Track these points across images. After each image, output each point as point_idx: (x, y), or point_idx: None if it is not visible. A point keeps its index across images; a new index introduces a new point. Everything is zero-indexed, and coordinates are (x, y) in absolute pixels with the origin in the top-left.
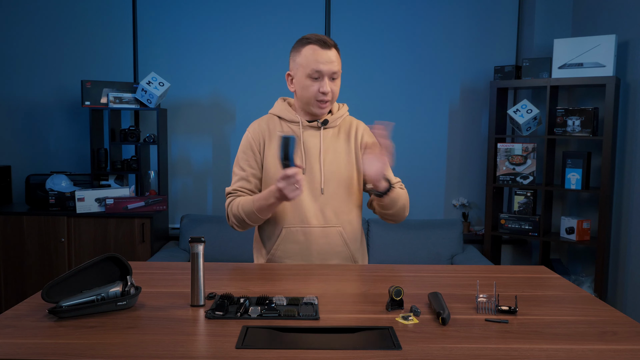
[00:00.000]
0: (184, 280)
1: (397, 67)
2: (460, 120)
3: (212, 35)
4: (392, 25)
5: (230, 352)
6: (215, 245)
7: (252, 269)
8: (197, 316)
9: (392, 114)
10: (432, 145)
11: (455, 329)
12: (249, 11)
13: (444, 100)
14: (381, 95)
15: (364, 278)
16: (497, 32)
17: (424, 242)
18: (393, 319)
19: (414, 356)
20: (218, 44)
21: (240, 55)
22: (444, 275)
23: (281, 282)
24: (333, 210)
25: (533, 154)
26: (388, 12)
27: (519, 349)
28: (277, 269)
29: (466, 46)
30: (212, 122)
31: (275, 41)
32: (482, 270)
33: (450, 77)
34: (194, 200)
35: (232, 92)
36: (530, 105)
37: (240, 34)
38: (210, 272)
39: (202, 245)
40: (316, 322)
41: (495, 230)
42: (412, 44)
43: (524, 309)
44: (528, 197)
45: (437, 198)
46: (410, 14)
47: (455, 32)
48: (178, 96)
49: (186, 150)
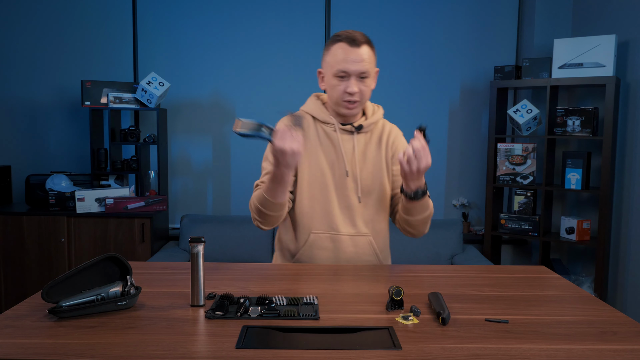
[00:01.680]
0: (184, 280)
1: (397, 67)
2: (461, 120)
3: (212, 35)
4: (393, 26)
5: (231, 352)
6: (216, 245)
7: (252, 269)
8: (197, 316)
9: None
10: (432, 145)
11: (455, 329)
12: (249, 11)
13: (444, 100)
14: (381, 95)
15: (364, 278)
16: (497, 32)
17: (424, 242)
18: (393, 319)
19: (414, 356)
20: (218, 44)
21: (241, 55)
22: (444, 275)
23: (281, 282)
24: (364, 219)
25: (533, 154)
26: (388, 13)
27: (519, 349)
28: (276, 269)
29: (466, 46)
30: (212, 122)
31: (275, 41)
32: (482, 270)
33: (450, 77)
34: (194, 200)
35: (233, 92)
36: (530, 105)
37: (240, 34)
38: (210, 272)
39: (202, 245)
40: (316, 322)
41: (495, 230)
42: (412, 44)
43: (524, 309)
44: (528, 197)
45: (437, 198)
46: (410, 14)
47: (456, 32)
48: (178, 96)
49: (186, 150)
